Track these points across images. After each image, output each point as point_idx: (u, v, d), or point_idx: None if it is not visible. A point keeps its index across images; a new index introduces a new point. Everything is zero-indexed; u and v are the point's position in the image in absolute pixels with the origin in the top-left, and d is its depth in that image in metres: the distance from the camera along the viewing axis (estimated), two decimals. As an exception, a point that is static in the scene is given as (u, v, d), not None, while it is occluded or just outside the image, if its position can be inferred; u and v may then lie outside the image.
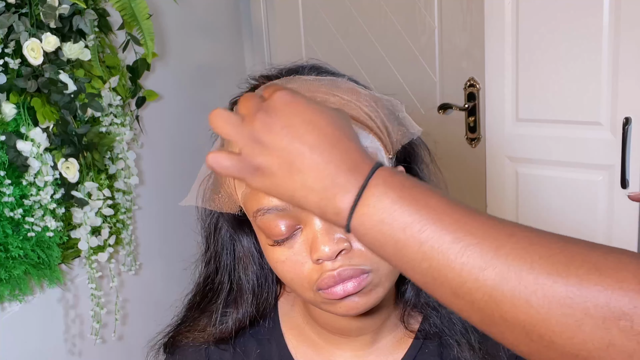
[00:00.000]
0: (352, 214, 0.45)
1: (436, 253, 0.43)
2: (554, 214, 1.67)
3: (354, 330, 0.69)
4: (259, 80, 0.68)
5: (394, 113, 0.66)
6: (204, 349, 0.74)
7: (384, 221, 0.44)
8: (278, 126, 0.47)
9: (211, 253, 0.71)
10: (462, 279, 0.42)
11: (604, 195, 1.57)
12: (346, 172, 0.46)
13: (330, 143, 0.46)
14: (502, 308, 0.41)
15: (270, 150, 0.47)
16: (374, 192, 0.45)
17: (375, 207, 0.45)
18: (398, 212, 0.44)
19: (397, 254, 0.45)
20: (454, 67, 1.89)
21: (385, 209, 0.44)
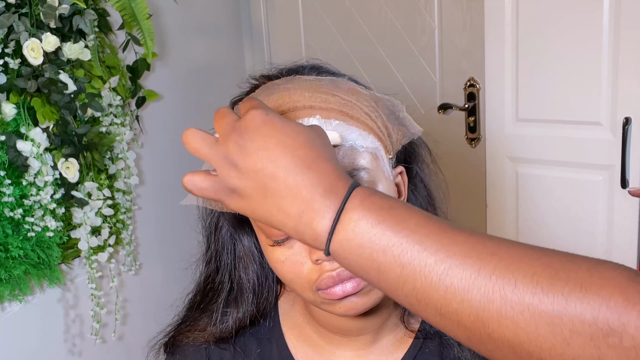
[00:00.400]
0: (330, 239, 0.45)
1: (419, 276, 0.42)
2: (554, 214, 1.67)
3: (354, 330, 0.69)
4: (260, 80, 0.68)
5: (395, 113, 0.66)
6: (204, 348, 0.74)
7: (363, 246, 0.44)
8: (251, 149, 0.46)
9: (212, 252, 0.71)
10: (447, 300, 0.42)
11: (604, 195, 1.57)
12: (322, 196, 0.45)
13: (305, 165, 0.45)
14: (489, 327, 0.41)
15: (245, 173, 0.46)
16: (351, 216, 0.44)
17: (354, 231, 0.44)
18: (377, 236, 0.43)
19: (379, 277, 0.44)
20: (454, 67, 1.89)
21: (363, 233, 0.44)
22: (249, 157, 0.46)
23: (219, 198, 0.49)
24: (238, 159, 0.46)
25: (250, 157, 0.46)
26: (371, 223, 0.44)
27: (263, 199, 0.46)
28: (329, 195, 0.45)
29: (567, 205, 1.64)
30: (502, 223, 1.76)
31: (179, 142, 1.71)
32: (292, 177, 0.45)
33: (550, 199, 1.67)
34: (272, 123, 0.47)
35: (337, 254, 0.45)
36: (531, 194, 1.70)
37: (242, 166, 0.46)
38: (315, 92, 0.62)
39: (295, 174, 0.45)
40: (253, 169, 0.46)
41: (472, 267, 0.41)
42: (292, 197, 0.45)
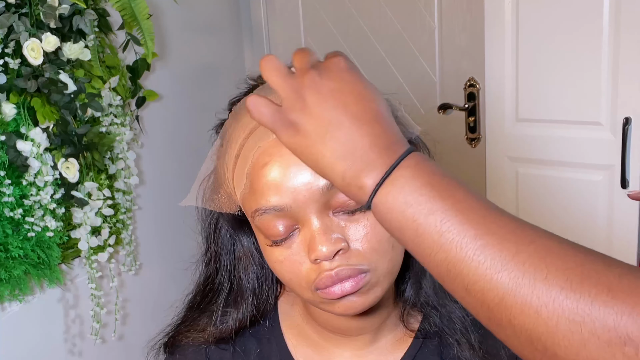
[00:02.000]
0: (377, 190, 0.45)
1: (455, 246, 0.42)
2: (554, 214, 1.67)
3: (354, 329, 0.69)
4: (258, 80, 0.68)
5: (393, 113, 0.65)
6: (204, 348, 0.74)
7: (408, 203, 0.44)
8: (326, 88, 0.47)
9: (211, 253, 0.71)
10: (477, 277, 0.42)
11: (604, 195, 1.57)
12: (380, 149, 0.45)
13: (373, 118, 0.46)
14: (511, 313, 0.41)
15: (311, 109, 0.47)
16: (403, 173, 0.45)
17: (402, 187, 0.44)
18: (424, 197, 0.43)
19: (415, 239, 0.44)
20: (454, 67, 1.89)
21: (411, 191, 0.44)
22: (322, 96, 0.46)
23: (275, 128, 0.49)
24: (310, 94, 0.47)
25: (322, 96, 0.46)
26: (421, 183, 0.44)
27: (320, 140, 0.46)
28: (387, 151, 0.45)
29: (567, 205, 1.64)
30: (502, 223, 1.76)
31: (179, 142, 1.71)
32: (357, 126, 0.46)
33: (550, 199, 1.67)
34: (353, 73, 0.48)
35: (378, 208, 0.45)
36: (531, 194, 1.70)
37: (310, 102, 0.47)
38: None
39: (361, 124, 0.46)
40: (322, 108, 0.46)
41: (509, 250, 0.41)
42: (351, 145, 0.46)
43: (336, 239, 0.58)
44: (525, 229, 0.43)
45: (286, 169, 0.58)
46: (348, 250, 0.58)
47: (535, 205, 1.70)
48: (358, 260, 0.58)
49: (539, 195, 1.69)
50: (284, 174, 0.58)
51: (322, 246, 0.57)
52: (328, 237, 0.58)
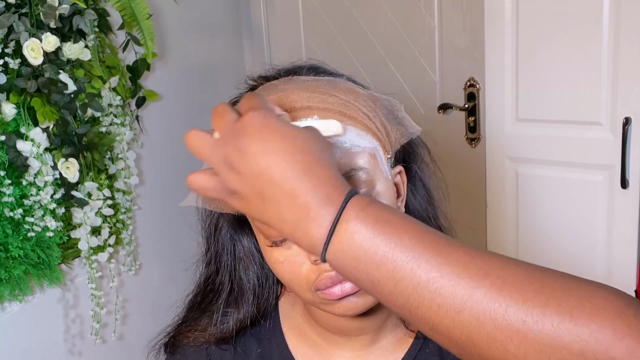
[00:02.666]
0: (326, 249, 0.45)
1: (412, 292, 0.43)
2: (554, 214, 1.67)
3: (354, 330, 0.69)
4: (258, 81, 0.68)
5: (393, 113, 0.66)
6: (204, 348, 0.74)
7: (357, 259, 0.44)
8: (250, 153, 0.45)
9: (212, 253, 0.71)
10: (439, 317, 0.42)
11: (604, 195, 1.57)
12: (318, 204, 0.45)
13: (302, 171, 0.45)
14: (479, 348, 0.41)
15: (243, 176, 0.46)
16: (347, 227, 0.44)
17: (348, 244, 0.44)
18: (371, 251, 0.43)
19: (373, 289, 0.45)
20: (454, 67, 1.89)
21: (358, 247, 0.44)
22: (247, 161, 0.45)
23: (221, 198, 0.49)
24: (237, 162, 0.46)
25: (248, 162, 0.45)
26: (366, 237, 0.44)
27: (261, 203, 0.46)
28: (325, 203, 0.45)
29: (567, 205, 1.64)
30: (502, 223, 1.76)
31: (179, 142, 1.71)
32: (289, 184, 0.45)
33: (550, 199, 1.67)
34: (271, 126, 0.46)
35: (332, 263, 0.46)
36: (531, 194, 1.70)
37: (240, 170, 0.46)
38: (313, 93, 0.62)
39: (292, 181, 0.45)
40: (251, 173, 0.45)
41: (465, 289, 0.41)
42: (289, 204, 0.45)
43: (337, 240, 0.58)
44: (479, 262, 0.42)
45: None
46: (348, 251, 0.58)
47: (535, 205, 1.70)
48: (358, 260, 0.58)
49: (539, 195, 1.69)
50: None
51: (322, 246, 0.57)
52: (328, 238, 0.57)
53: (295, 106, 0.61)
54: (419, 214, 0.70)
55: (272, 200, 0.45)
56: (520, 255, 1.75)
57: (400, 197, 0.67)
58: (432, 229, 0.46)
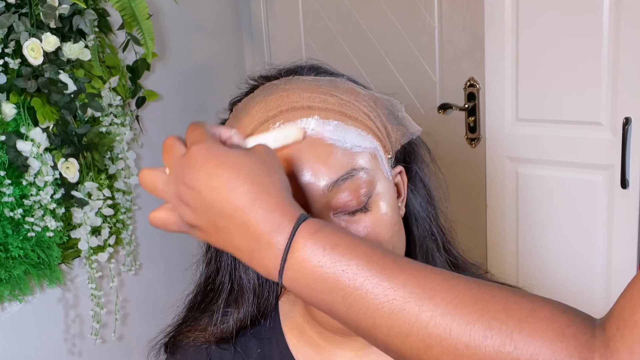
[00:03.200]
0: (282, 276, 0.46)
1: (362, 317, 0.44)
2: (554, 214, 1.67)
3: (355, 330, 0.69)
4: (258, 80, 0.68)
5: (394, 113, 0.66)
6: (204, 348, 0.74)
7: (310, 286, 0.45)
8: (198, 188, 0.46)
9: (212, 253, 0.71)
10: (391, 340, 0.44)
11: (604, 195, 1.57)
12: (269, 234, 0.46)
13: (250, 202, 0.46)
14: None
15: (196, 211, 0.47)
16: (296, 256, 0.45)
17: (300, 272, 0.45)
18: (321, 279, 0.45)
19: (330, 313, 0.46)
20: (454, 67, 1.89)
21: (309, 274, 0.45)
22: (198, 196, 0.46)
23: (185, 232, 0.50)
24: (188, 198, 0.47)
25: (198, 197, 0.46)
26: (315, 265, 0.45)
27: (218, 235, 0.48)
28: (276, 232, 0.46)
29: (567, 205, 1.64)
30: (502, 223, 1.76)
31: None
32: (238, 216, 0.46)
33: (550, 199, 1.67)
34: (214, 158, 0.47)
35: (290, 289, 0.47)
36: (531, 194, 1.70)
37: (193, 205, 0.47)
38: (314, 93, 0.62)
39: (241, 213, 0.46)
40: (203, 207, 0.47)
41: (411, 313, 0.43)
42: (242, 235, 0.46)
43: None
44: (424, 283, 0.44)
45: (287, 170, 0.58)
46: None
47: (535, 205, 1.70)
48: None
49: (539, 195, 1.69)
50: (284, 175, 0.58)
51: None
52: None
53: (295, 106, 0.61)
54: (420, 214, 0.70)
55: (227, 232, 0.47)
56: (520, 255, 1.75)
57: (401, 197, 0.67)
58: (381, 249, 0.47)
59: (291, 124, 0.57)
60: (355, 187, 0.59)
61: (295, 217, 0.47)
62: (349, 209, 0.59)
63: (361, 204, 0.59)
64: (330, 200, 0.58)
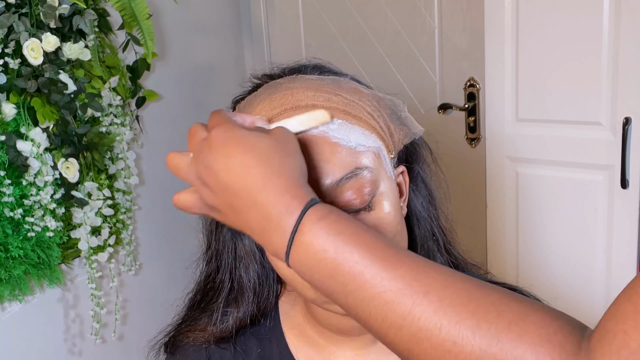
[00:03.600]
0: (288, 257, 0.48)
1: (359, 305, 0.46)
2: (554, 214, 1.67)
3: (356, 329, 0.69)
4: (262, 79, 0.68)
5: (396, 113, 0.66)
6: (204, 348, 0.74)
7: (313, 269, 0.47)
8: (216, 169, 0.49)
9: (212, 252, 0.71)
10: (384, 331, 0.45)
11: (604, 195, 1.57)
12: (278, 216, 0.47)
13: (262, 184, 0.48)
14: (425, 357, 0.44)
15: (215, 191, 0.49)
16: (302, 239, 0.47)
17: (305, 254, 0.47)
18: (324, 263, 0.46)
19: (330, 297, 0.48)
20: (454, 67, 1.89)
21: (312, 258, 0.47)
22: (215, 177, 0.49)
23: (204, 213, 0.52)
24: (207, 178, 0.49)
25: (216, 177, 0.49)
26: (319, 249, 0.46)
27: (234, 215, 0.50)
28: (285, 214, 0.47)
29: (567, 205, 1.64)
30: (502, 223, 1.76)
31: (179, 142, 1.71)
32: (251, 196, 0.48)
33: (550, 199, 1.67)
34: (232, 141, 0.49)
35: (295, 270, 0.49)
36: (531, 194, 1.70)
37: (212, 185, 0.49)
38: (318, 91, 0.62)
39: (254, 193, 0.48)
40: (219, 187, 0.49)
41: (404, 306, 0.44)
42: (254, 215, 0.48)
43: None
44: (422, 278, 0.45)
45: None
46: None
47: (535, 205, 1.70)
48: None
49: (539, 195, 1.69)
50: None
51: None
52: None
53: (299, 104, 0.61)
54: (421, 214, 0.71)
55: (241, 212, 0.49)
56: (520, 255, 1.75)
57: (403, 197, 0.67)
58: (384, 239, 0.48)
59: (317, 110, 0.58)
60: (359, 186, 0.59)
61: (305, 201, 0.48)
62: (353, 208, 0.59)
63: (365, 203, 0.59)
64: (334, 198, 0.59)
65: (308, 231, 0.47)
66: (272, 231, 0.48)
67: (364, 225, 0.49)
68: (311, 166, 0.58)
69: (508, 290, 0.45)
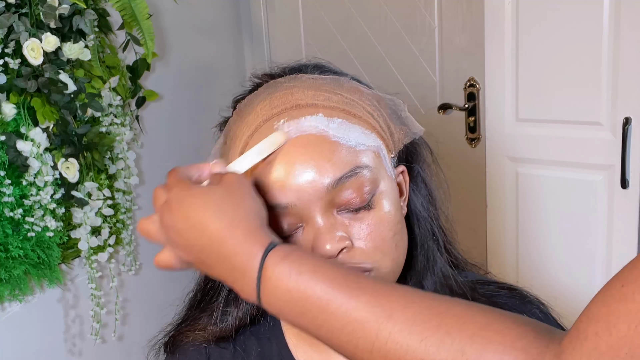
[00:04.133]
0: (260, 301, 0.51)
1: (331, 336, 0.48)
2: (554, 214, 1.67)
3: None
4: (262, 78, 0.68)
5: (397, 112, 0.66)
6: (204, 347, 0.74)
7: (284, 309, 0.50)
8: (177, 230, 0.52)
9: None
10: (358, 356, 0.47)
11: (604, 195, 1.57)
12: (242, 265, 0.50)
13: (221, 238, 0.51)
14: None
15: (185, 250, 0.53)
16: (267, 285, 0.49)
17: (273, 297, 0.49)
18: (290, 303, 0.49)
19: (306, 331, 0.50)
20: (454, 67, 1.89)
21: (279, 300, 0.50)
22: (180, 237, 0.52)
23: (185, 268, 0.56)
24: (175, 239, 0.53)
25: (181, 237, 0.52)
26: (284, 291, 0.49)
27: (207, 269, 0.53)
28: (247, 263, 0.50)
29: (567, 205, 1.64)
30: (502, 223, 1.76)
31: (179, 142, 1.72)
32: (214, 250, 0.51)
33: (550, 199, 1.67)
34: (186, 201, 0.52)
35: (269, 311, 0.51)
36: (531, 194, 1.70)
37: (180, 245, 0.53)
38: (318, 91, 0.62)
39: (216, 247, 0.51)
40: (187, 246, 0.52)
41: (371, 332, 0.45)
42: (221, 267, 0.51)
43: (340, 237, 0.58)
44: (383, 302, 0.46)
45: (291, 167, 0.58)
46: (352, 249, 0.58)
47: (535, 205, 1.70)
48: (362, 258, 0.59)
49: (539, 195, 1.69)
50: (288, 172, 0.58)
51: (326, 244, 0.57)
52: (332, 235, 0.58)
53: (299, 104, 0.61)
54: (421, 214, 0.70)
55: (211, 266, 0.52)
56: (520, 255, 1.75)
57: (403, 197, 0.67)
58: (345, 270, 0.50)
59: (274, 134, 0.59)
60: (358, 184, 0.59)
61: (264, 245, 0.50)
62: (353, 207, 0.59)
63: (364, 202, 0.59)
64: (334, 197, 0.59)
65: (271, 274, 0.49)
66: (241, 279, 0.50)
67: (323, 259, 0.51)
68: (311, 165, 0.58)
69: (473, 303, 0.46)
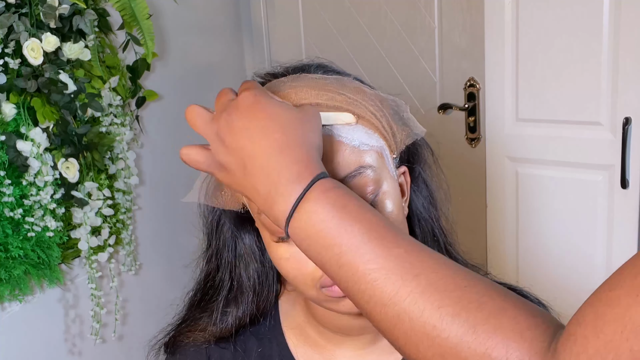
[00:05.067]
0: (288, 224, 0.48)
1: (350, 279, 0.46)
2: (554, 214, 1.67)
3: (356, 329, 0.69)
4: (265, 77, 0.68)
5: (399, 113, 0.66)
6: (204, 348, 0.74)
7: (311, 238, 0.47)
8: (237, 127, 0.50)
9: (212, 250, 0.71)
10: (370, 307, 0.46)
11: (604, 195, 1.57)
12: (287, 182, 0.48)
13: (278, 149, 0.49)
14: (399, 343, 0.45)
15: (230, 150, 0.50)
16: (307, 207, 0.47)
17: (306, 223, 0.47)
18: (322, 233, 0.47)
19: (323, 269, 0.48)
20: (454, 67, 1.89)
21: (312, 227, 0.47)
22: (234, 135, 0.50)
23: (210, 171, 0.53)
24: (226, 135, 0.50)
25: (234, 135, 0.50)
26: (320, 219, 0.47)
27: (242, 176, 0.50)
28: (293, 182, 0.48)
29: (567, 205, 1.64)
30: (502, 223, 1.76)
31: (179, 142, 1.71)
32: (265, 159, 0.49)
33: (550, 199, 1.67)
34: (259, 105, 0.51)
35: (293, 238, 0.49)
36: (531, 194, 1.70)
37: (228, 143, 0.50)
38: (322, 90, 0.62)
39: (268, 156, 0.49)
40: (236, 146, 0.50)
41: (393, 286, 0.44)
42: (263, 177, 0.49)
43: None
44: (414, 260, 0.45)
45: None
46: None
47: (535, 205, 1.70)
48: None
49: (539, 195, 1.69)
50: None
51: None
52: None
53: (303, 103, 0.61)
54: (422, 215, 0.71)
55: (251, 173, 0.50)
56: (520, 255, 1.75)
57: (404, 198, 0.67)
58: (386, 221, 0.48)
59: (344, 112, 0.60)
60: (362, 184, 0.59)
61: (315, 173, 0.49)
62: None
63: (368, 202, 0.59)
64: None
65: (314, 200, 0.47)
66: (278, 196, 0.48)
67: (368, 204, 0.49)
68: None
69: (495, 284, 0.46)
